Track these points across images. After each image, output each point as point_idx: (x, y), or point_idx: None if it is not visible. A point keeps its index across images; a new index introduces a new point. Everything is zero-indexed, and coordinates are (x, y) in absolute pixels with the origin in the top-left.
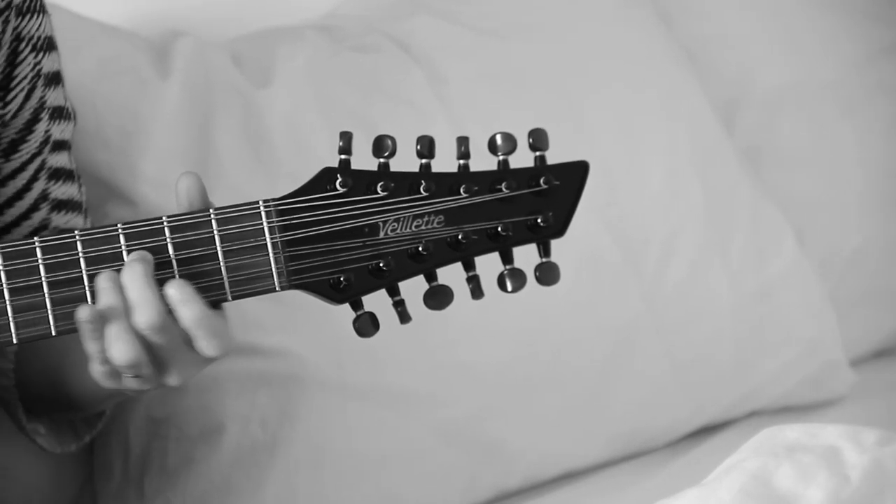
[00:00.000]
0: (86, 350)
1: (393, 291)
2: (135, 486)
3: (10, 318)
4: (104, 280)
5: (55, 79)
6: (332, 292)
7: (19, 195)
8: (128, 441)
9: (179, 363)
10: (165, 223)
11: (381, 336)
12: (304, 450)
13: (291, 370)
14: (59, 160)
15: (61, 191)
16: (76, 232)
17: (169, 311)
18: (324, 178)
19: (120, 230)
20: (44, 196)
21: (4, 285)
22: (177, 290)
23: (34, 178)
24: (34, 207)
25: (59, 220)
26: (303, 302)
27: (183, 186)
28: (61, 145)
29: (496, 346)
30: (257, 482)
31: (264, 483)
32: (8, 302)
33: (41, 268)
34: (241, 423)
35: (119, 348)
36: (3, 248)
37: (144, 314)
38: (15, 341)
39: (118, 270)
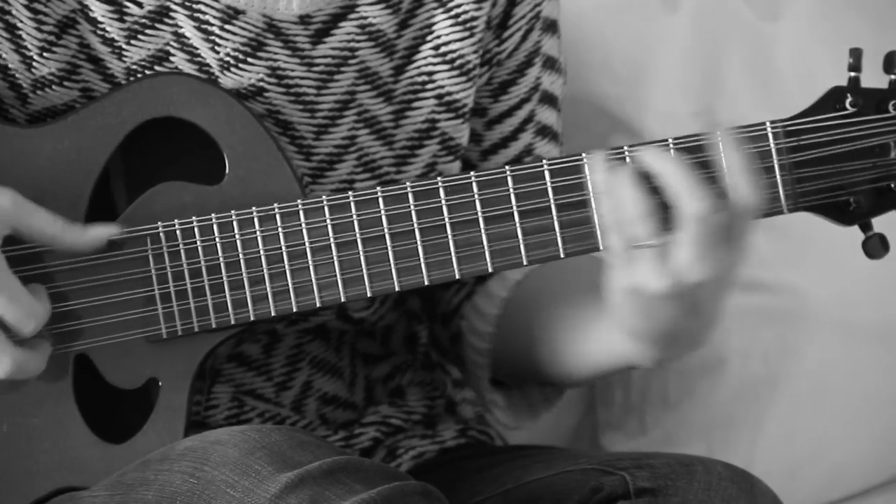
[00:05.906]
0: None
1: None
2: (636, 417)
3: (521, 241)
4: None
5: (552, 27)
6: (841, 214)
7: (504, 143)
8: (628, 373)
9: (720, 252)
10: (671, 144)
11: (889, 274)
12: (805, 387)
13: (795, 306)
14: (548, 117)
15: (545, 149)
16: (583, 154)
17: None
18: (832, 98)
19: (626, 152)
20: (528, 150)
21: (515, 208)
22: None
23: (521, 129)
24: (517, 160)
25: None
26: (810, 237)
27: None
28: (551, 100)
29: None
30: (757, 417)
31: (764, 418)
32: (518, 225)
33: (550, 190)
34: (743, 358)
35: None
36: (513, 170)
37: (696, 200)
38: (525, 263)
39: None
